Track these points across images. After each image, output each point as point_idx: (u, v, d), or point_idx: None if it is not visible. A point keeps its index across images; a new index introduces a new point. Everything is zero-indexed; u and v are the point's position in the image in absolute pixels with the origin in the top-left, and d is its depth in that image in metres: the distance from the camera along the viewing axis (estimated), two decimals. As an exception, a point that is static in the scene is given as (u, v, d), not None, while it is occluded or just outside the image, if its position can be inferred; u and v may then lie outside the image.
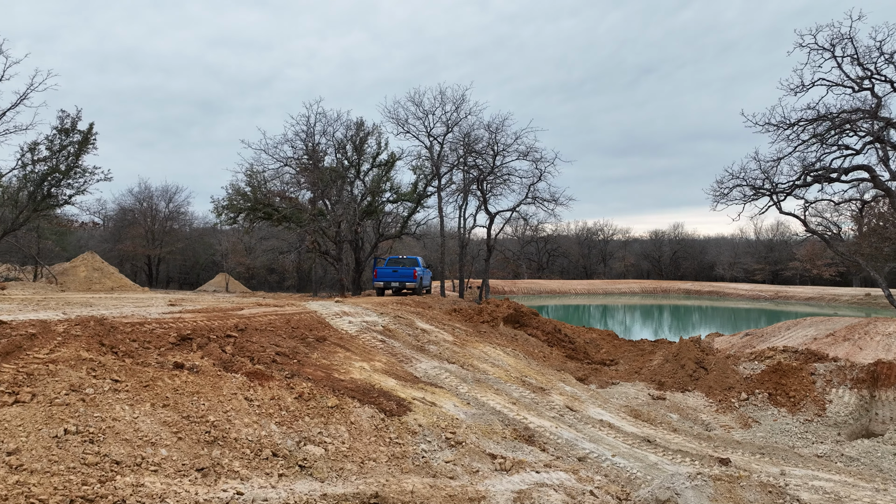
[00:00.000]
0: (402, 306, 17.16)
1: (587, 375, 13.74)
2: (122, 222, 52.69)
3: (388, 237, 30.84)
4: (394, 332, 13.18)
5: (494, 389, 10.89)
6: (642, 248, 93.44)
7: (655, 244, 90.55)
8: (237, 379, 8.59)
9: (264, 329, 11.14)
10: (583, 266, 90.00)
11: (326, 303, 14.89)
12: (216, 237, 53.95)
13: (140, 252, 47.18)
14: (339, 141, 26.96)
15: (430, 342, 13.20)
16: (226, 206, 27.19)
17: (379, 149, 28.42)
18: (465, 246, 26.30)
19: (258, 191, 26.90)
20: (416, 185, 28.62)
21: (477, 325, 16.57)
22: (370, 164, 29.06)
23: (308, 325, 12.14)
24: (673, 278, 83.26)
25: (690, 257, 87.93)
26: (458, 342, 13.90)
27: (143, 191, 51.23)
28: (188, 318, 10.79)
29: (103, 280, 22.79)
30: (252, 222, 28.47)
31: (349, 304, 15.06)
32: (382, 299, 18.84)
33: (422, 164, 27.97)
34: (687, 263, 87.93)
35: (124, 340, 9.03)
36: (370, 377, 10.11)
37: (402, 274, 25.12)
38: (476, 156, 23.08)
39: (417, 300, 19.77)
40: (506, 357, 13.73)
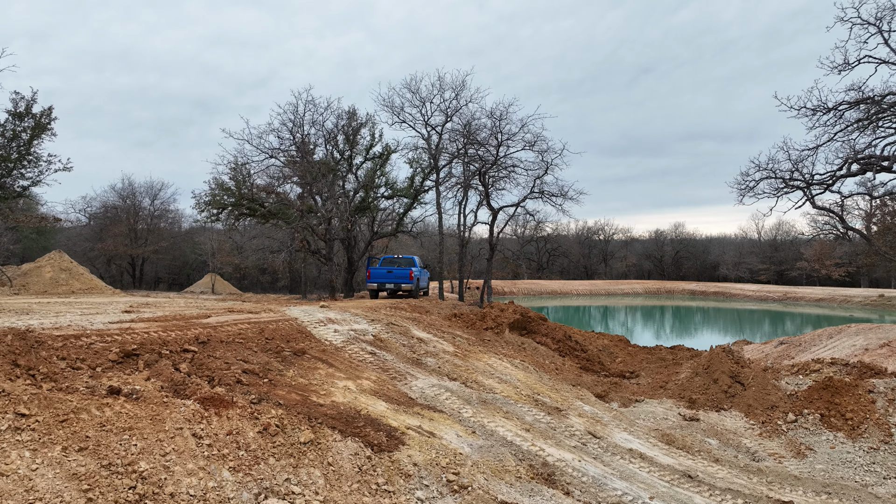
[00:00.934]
0: (397, 311, 15.56)
1: (607, 391, 12.16)
2: (104, 220, 50.98)
3: (382, 235, 29.22)
4: (386, 343, 11.59)
5: (504, 412, 9.29)
6: (644, 247, 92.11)
7: (657, 244, 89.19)
8: (187, 407, 6.97)
9: (231, 341, 9.52)
10: (583, 266, 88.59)
11: (310, 308, 13.28)
12: (205, 236, 52.26)
13: (122, 251, 45.42)
14: (329, 131, 25.36)
15: (427, 354, 11.61)
16: (208, 201, 25.55)
17: (373, 140, 26.83)
18: (465, 244, 24.70)
19: (242, 185, 25.27)
20: (412, 179, 27.03)
21: (480, 332, 14.98)
22: (363, 157, 27.46)
23: (285, 336, 10.54)
24: (675, 278, 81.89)
25: (693, 257, 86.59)
26: (459, 353, 12.31)
27: (126, 187, 49.48)
28: (139, 328, 9.17)
29: (71, 281, 21.13)
30: (236, 219, 26.82)
31: (336, 310, 13.46)
32: (375, 303, 17.25)
33: (418, 157, 26.43)
34: (689, 263, 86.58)
35: (49, 359, 7.41)
36: (356, 400, 8.50)
37: (397, 275, 23.55)
38: (478, 146, 21.47)
39: (414, 304, 18.18)
40: (514, 370, 12.14)
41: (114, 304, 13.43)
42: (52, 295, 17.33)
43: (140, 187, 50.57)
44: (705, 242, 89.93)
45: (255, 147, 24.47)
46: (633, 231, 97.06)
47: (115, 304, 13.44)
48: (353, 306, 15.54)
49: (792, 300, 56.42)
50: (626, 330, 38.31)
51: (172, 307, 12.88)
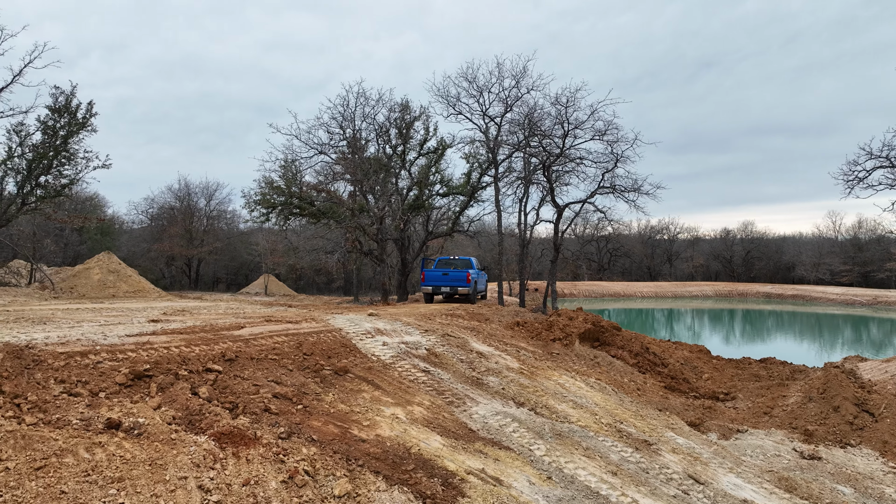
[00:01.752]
0: (453, 319, 14.17)
1: (701, 418, 10.39)
2: (160, 220, 51.80)
3: (437, 235, 27.91)
4: (441, 359, 10.18)
5: (584, 448, 7.72)
6: (711, 247, 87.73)
7: (725, 243, 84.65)
8: (199, 447, 5.74)
9: (263, 358, 8.30)
10: (647, 267, 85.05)
11: (357, 317, 12.03)
12: (261, 236, 52.28)
13: (178, 252, 45.84)
14: (381, 125, 24.20)
15: (489, 371, 10.14)
16: (257, 200, 24.84)
17: (427, 135, 25.54)
18: (526, 244, 23.13)
19: (292, 183, 24.42)
20: (468, 175, 25.59)
21: (547, 344, 13.41)
22: (417, 153, 26.21)
23: (326, 351, 9.28)
24: (746, 280, 77.49)
25: (765, 257, 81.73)
26: (525, 370, 10.79)
27: (182, 188, 50.04)
28: (160, 342, 8.04)
29: (118, 284, 20.74)
30: (286, 219, 26.03)
31: (386, 319, 12.16)
32: (429, 310, 15.92)
33: (475, 152, 24.97)
34: (761, 264, 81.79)
35: (44, 383, 6.34)
36: (405, 433, 7.11)
37: (453, 277, 22.18)
38: (541, 136, 19.84)
39: (471, 310, 16.76)
40: (590, 391, 10.53)
41: (148, 310, 12.53)
42: (89, 299, 16.80)
43: (196, 188, 51.11)
44: (778, 242, 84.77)
45: (304, 143, 23.64)
46: (699, 230, 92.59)
47: (150, 309, 12.54)
48: (404, 314, 14.24)
49: (883, 305, 51.99)
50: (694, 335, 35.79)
51: (208, 314, 11.85)
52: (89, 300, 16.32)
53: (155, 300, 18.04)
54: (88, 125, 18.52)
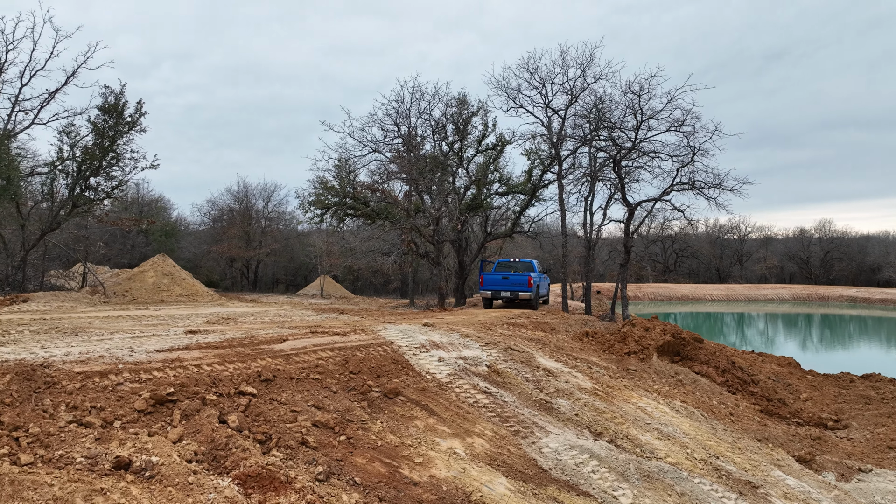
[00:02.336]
0: (516, 329, 13.04)
1: (811, 452, 8.90)
2: (220, 222, 52.66)
3: (496, 236, 26.76)
4: (504, 377, 9.09)
5: (678, 494, 6.50)
6: (785, 247, 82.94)
7: (801, 243, 79.82)
8: (219, 493, 4.89)
9: (304, 377, 7.42)
10: (715, 268, 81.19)
11: (410, 328, 11.06)
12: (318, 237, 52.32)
13: (236, 254, 46.33)
14: (437, 121, 23.26)
15: (559, 393, 8.99)
16: (311, 201, 24.37)
17: (485, 130, 24.44)
18: (592, 246, 21.73)
19: (346, 183, 23.83)
20: (530, 172, 24.35)
21: (621, 358, 12.10)
22: (475, 150, 25.15)
23: (376, 368, 8.34)
24: (825, 282, 72.73)
25: (846, 258, 76.54)
26: (600, 391, 9.57)
27: (240, 189, 50.64)
28: (191, 359, 7.26)
29: (172, 287, 20.59)
30: (340, 220, 25.48)
31: (442, 330, 11.15)
32: (488, 317, 14.84)
33: (537, 148, 23.72)
34: (842, 265, 76.66)
35: (52, 411, 5.62)
36: (465, 474, 6.06)
37: (514, 281, 21.04)
38: (610, 128, 18.41)
39: (535, 318, 15.59)
40: (676, 417, 9.22)
41: (191, 317, 11.92)
42: (136, 304, 16.53)
43: (254, 189, 51.63)
44: (861, 241, 79.25)
45: (358, 141, 22.97)
46: (772, 229, 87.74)
47: (193, 317, 11.92)
48: (462, 323, 13.20)
49: None
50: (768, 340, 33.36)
51: (252, 323, 11.12)
52: (136, 305, 16.05)
53: (204, 305, 17.67)
54: (137, 125, 18.42)
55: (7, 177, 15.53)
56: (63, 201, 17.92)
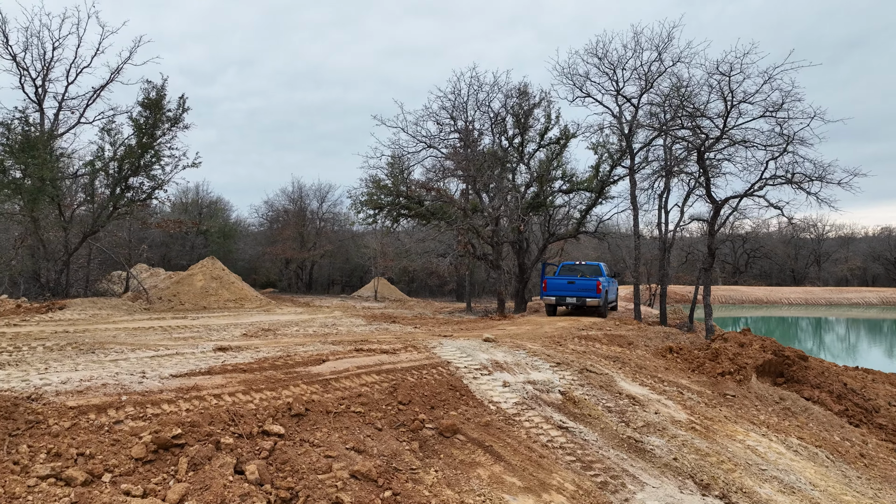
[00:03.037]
0: (588, 344, 11.57)
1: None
2: (275, 223, 52.77)
3: (560, 237, 25.15)
4: (582, 407, 7.69)
5: (825, 581, 4.93)
6: (869, 247, 77.31)
7: (887, 243, 74.21)
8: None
9: (343, 411, 6.24)
10: (790, 270, 76.50)
11: (469, 344, 9.78)
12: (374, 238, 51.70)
13: (290, 255, 46.16)
14: (496, 113, 21.84)
15: (649, 427, 7.53)
16: (364, 201, 23.44)
17: (548, 123, 22.90)
18: (668, 248, 19.95)
19: (399, 181, 22.77)
20: (597, 167, 22.66)
21: (716, 381, 10.45)
22: (537, 144, 23.63)
23: (429, 397, 7.09)
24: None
25: (940, 259, 70.78)
26: (698, 424, 8.03)
27: (295, 190, 50.54)
28: (210, 387, 6.19)
29: (220, 291, 20.01)
30: (394, 220, 24.46)
31: (506, 347, 9.82)
32: (555, 328, 13.42)
33: (605, 141, 22.01)
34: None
35: (27, 460, 4.60)
36: (543, 549, 4.70)
37: (581, 287, 19.47)
38: (691, 115, 16.55)
39: (608, 330, 14.06)
40: (796, 460, 7.60)
41: (230, 328, 10.99)
42: (175, 311, 15.85)
43: (308, 190, 51.45)
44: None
45: (411, 136, 21.83)
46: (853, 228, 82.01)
47: (232, 328, 10.97)
48: (527, 336, 11.82)
49: None
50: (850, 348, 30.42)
51: (293, 337, 10.04)
52: (175, 313, 15.36)
53: (249, 312, 16.91)
54: (180, 121, 17.78)
55: (41, 177, 15.10)
56: (104, 203, 17.46)
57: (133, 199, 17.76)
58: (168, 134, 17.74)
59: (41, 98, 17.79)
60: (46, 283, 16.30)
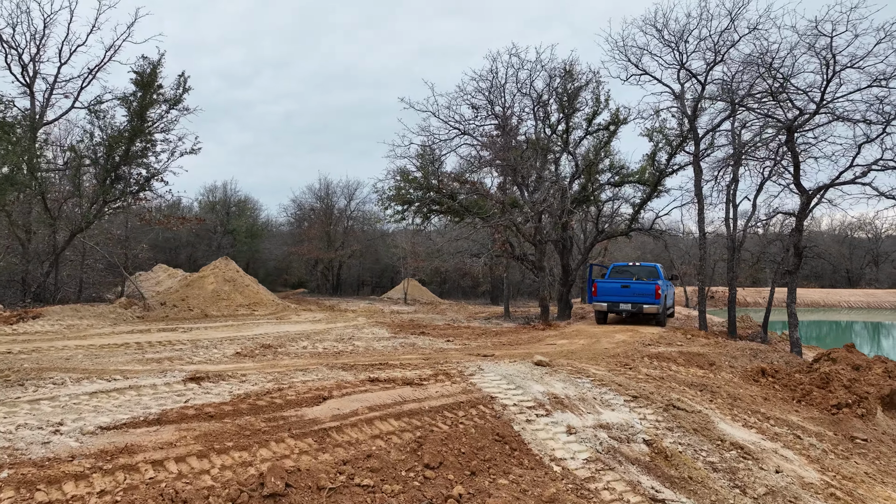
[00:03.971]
0: (662, 364, 9.47)
1: None
2: (301, 221, 51.32)
3: (609, 235, 22.88)
4: (678, 465, 5.63)
5: None
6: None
7: (955, 242, 69.46)
8: None
9: (343, 484, 4.25)
10: (845, 270, 72.26)
11: (516, 369, 7.78)
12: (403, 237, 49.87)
13: (316, 255, 44.60)
14: (538, 94, 19.68)
15: (774, 497, 5.40)
16: (391, 196, 21.58)
17: (597, 106, 20.62)
18: (738, 247, 17.67)
19: (430, 174, 20.84)
20: (652, 156, 20.33)
21: (830, 415, 8.26)
22: (584, 131, 21.39)
23: (468, 454, 5.11)
24: None
25: None
26: (836, 488, 5.93)
27: (322, 187, 48.96)
28: (150, 447, 4.28)
29: (233, 295, 18.40)
30: (425, 217, 22.54)
31: (563, 372, 7.81)
32: (616, 343, 11.35)
33: (661, 126, 19.69)
34: None
35: None
36: None
37: (637, 291, 17.32)
38: (780, 89, 14.17)
39: (679, 344, 11.92)
40: None
41: (223, 343, 9.17)
42: (168, 321, 14.15)
43: (336, 187, 49.84)
44: None
45: (443, 120, 19.80)
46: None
47: (225, 343, 9.16)
48: (585, 354, 9.78)
49: None
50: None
51: (296, 358, 8.17)
52: (169, 322, 13.69)
53: (257, 321, 15.21)
54: (180, 102, 16.02)
55: (16, 163, 13.46)
56: (93, 196, 15.81)
57: (125, 191, 16.09)
58: (166, 117, 16.05)
59: (31, 80, 16.26)
60: (29, 288, 14.76)
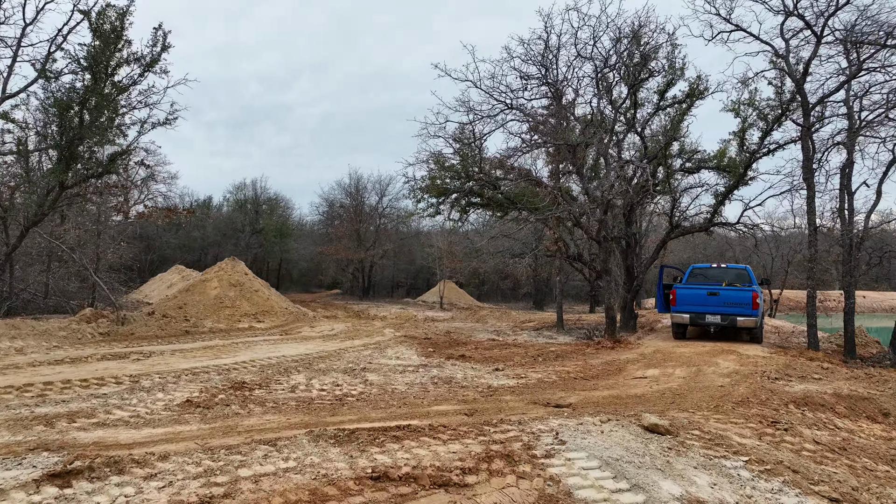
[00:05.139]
0: (821, 417, 6.44)
1: None
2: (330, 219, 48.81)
3: (686, 231, 19.52)
4: None
5: None
6: None
7: None
8: None
9: None
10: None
11: (619, 442, 4.82)
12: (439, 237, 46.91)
13: (344, 255, 42.01)
14: (605, 58, 16.41)
15: None
16: (424, 187, 18.73)
17: (672, 75, 17.28)
18: (855, 245, 14.39)
19: (470, 160, 17.94)
20: (741, 134, 16.92)
21: None
22: (654, 105, 18.11)
23: None
24: None
25: None
26: None
27: (352, 183, 46.31)
28: None
29: (239, 302, 15.86)
30: (463, 211, 19.65)
31: (697, 448, 4.76)
32: (733, 379, 8.29)
33: (751, 97, 16.35)
34: None
35: None
36: None
37: (729, 300, 14.22)
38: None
39: (817, 378, 8.79)
40: None
41: (179, 382, 6.32)
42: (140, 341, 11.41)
43: (367, 182, 47.12)
44: None
45: (486, 92, 16.75)
46: None
47: (182, 382, 6.31)
48: (697, 397, 6.74)
49: None
50: None
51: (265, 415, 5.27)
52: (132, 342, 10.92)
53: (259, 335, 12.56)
54: (157, 62, 13.14)
55: None
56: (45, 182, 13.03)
57: (87, 174, 13.28)
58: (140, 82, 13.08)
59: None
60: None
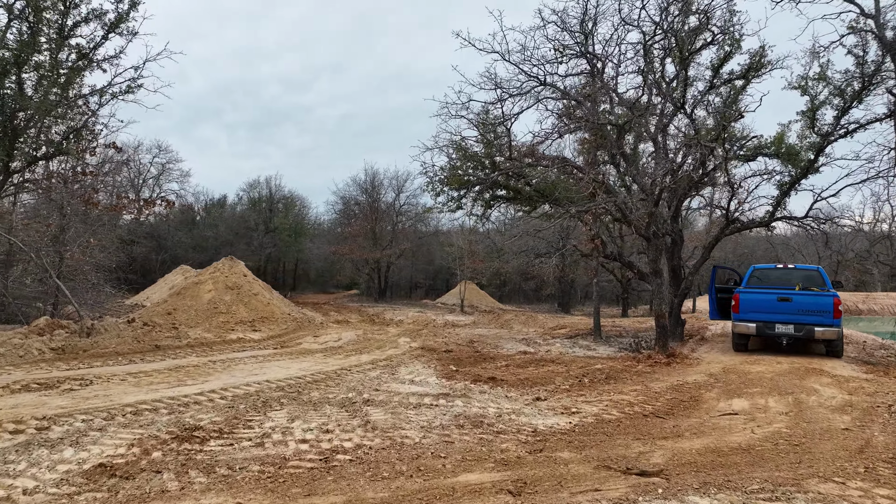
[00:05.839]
0: None
1: None
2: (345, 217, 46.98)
3: (744, 226, 17.29)
4: None
5: None
6: None
7: None
8: None
9: None
10: None
11: None
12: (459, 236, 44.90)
13: (359, 255, 40.15)
14: (654, 27, 14.27)
15: None
16: (443, 179, 16.79)
17: (731, 47, 15.07)
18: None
19: (496, 148, 15.97)
20: (811, 113, 14.69)
21: None
22: (707, 83, 15.92)
23: None
24: None
25: None
26: None
27: (367, 179, 44.43)
28: None
29: (235, 307, 14.08)
30: (487, 205, 17.67)
31: None
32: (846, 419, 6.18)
33: (822, 71, 14.15)
34: None
35: None
36: None
37: (804, 307, 12.18)
38: None
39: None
40: None
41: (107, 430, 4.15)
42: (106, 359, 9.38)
43: (383, 178, 45.21)
44: None
45: (515, 65, 14.72)
46: None
47: (105, 429, 4.13)
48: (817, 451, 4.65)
49: None
50: None
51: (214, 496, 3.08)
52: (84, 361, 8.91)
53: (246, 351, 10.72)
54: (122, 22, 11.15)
55: None
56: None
57: (34, 156, 11.34)
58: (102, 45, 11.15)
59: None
60: None
